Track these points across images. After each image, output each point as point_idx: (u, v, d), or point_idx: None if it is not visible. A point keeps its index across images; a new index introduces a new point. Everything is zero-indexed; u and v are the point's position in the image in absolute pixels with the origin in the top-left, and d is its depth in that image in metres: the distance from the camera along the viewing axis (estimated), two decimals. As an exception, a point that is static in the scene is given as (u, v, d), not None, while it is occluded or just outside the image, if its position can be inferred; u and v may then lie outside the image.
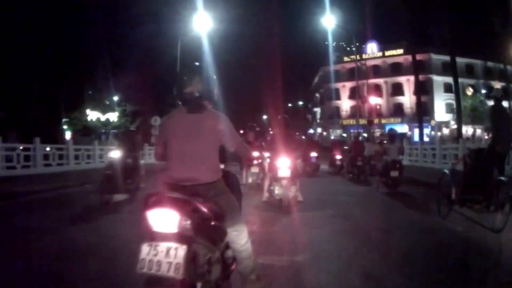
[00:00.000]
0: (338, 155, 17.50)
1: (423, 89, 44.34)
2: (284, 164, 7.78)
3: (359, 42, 29.76)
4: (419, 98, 30.73)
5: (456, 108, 27.76)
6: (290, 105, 77.32)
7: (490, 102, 32.50)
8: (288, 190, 7.75)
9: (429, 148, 20.16)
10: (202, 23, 24.48)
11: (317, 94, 70.07)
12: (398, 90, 57.76)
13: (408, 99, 56.56)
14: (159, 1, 38.27)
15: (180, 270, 2.19)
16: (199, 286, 2.47)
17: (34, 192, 9.71)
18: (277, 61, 52.32)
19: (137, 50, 36.76)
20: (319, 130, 66.44)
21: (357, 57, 34.67)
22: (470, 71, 53.06)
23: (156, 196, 2.46)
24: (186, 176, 2.78)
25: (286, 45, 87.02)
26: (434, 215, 6.96)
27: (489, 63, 49.89)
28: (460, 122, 26.09)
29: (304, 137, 38.50)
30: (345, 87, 60.87)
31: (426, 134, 45.18)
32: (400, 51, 55.94)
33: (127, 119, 39.81)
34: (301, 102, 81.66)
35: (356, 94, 54.91)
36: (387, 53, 57.67)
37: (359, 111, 32.64)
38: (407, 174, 12.87)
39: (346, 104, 61.09)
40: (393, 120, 55.71)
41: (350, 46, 62.67)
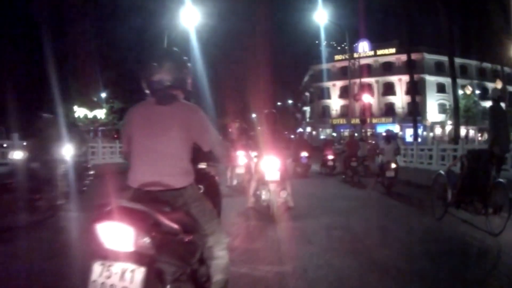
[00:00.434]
0: (330, 155, 16.59)
1: (412, 89, 43.89)
2: (272, 165, 6.76)
3: (351, 40, 28.77)
4: (414, 98, 30.22)
5: (453, 108, 27.48)
6: (279, 103, 76.60)
7: (484, 103, 32.94)
8: (277, 195, 6.75)
9: (425, 149, 19.43)
10: (190, 17, 23.83)
11: (306, 93, 69.53)
12: (389, 89, 57.36)
13: (399, 99, 56.23)
14: (146, -6, 37.39)
15: None
16: None
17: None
18: (266, 58, 51.70)
19: (124, 45, 36.01)
20: (309, 129, 65.73)
21: (349, 54, 33.87)
22: (464, 72, 52.66)
23: (108, 205, 2.03)
24: (151, 179, 2.40)
25: (276, 42, 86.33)
26: (432, 219, 6.72)
27: (483, 64, 49.71)
28: (458, 123, 25.54)
29: (293, 136, 37.75)
30: (335, 86, 60.45)
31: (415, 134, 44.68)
32: (392, 50, 55.72)
33: (115, 116, 39.09)
34: (290, 101, 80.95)
35: (347, 93, 54.99)
36: (379, 52, 57.10)
37: (351, 110, 31.94)
38: (403, 177, 12.54)
39: (336, 103, 60.62)
40: (384, 119, 55.20)
41: (341, 45, 62.67)
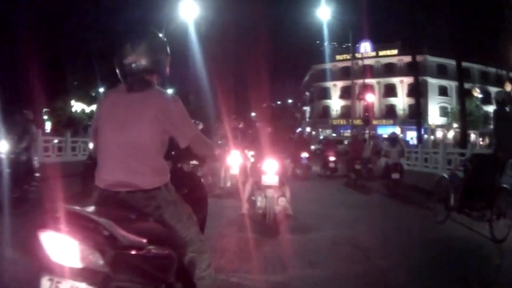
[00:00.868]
0: (332, 157, 15.65)
1: (416, 91, 43.25)
2: (270, 167, 5.89)
3: (353, 39, 27.93)
4: (418, 100, 29.47)
5: (460, 112, 26.94)
6: (279, 102, 75.86)
7: (486, 107, 32.64)
8: (274, 202, 5.86)
9: (431, 152, 18.64)
10: (189, 11, 23.10)
11: (307, 93, 68.93)
12: (391, 91, 56.65)
13: (401, 101, 55.61)
14: (145, -14, 36.79)
15: None
16: None
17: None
18: (266, 56, 50.97)
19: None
20: (308, 129, 64.99)
21: (352, 53, 33.05)
22: (466, 75, 51.90)
23: (55, 211, 1.72)
24: (119, 179, 2.10)
25: (277, 41, 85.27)
26: (450, 231, 6.26)
27: (485, 67, 49.25)
28: (465, 127, 24.75)
29: (292, 136, 36.85)
30: (336, 86, 59.82)
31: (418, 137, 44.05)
32: (394, 52, 55.18)
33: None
34: (290, 100, 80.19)
35: (348, 93, 54.29)
36: (381, 53, 56.35)
37: (352, 111, 31.10)
38: (410, 181, 12.21)
39: (336, 103, 59.96)
40: (385, 121, 54.46)
41: (342, 45, 62.02)
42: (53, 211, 1.71)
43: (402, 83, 55.06)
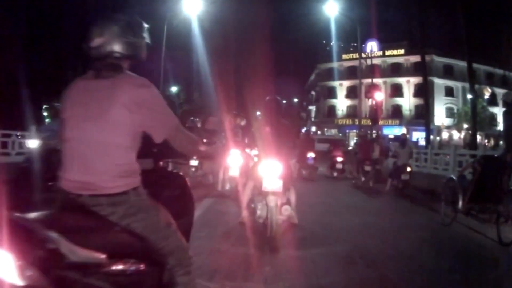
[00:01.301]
0: (339, 157, 15.13)
1: (424, 91, 42.64)
2: (272, 170, 4.91)
3: (361, 36, 27.28)
4: (427, 101, 29.00)
5: (471, 113, 27.13)
6: (284, 101, 75.24)
7: (492, 109, 32.28)
8: (277, 211, 4.89)
9: (441, 153, 18.13)
10: (192, 5, 23.32)
11: (312, 92, 68.45)
12: (397, 91, 56.20)
13: (407, 101, 55.10)
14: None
15: None
16: None
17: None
18: (271, 54, 50.42)
19: None
20: (314, 129, 64.55)
21: (359, 50, 32.41)
22: (472, 76, 51.29)
23: None
24: (81, 179, 1.80)
25: (282, 39, 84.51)
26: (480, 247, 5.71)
27: (490, 67, 48.71)
28: (475, 128, 24.25)
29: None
30: (342, 86, 59.29)
31: (424, 138, 43.53)
32: (401, 51, 54.83)
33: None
34: (295, 99, 79.68)
35: (354, 93, 53.62)
36: (387, 52, 55.74)
37: (359, 111, 30.47)
38: (420, 184, 12.16)
39: (342, 103, 59.51)
40: (391, 121, 53.91)
41: (348, 45, 61.35)
42: None
43: (408, 83, 54.58)
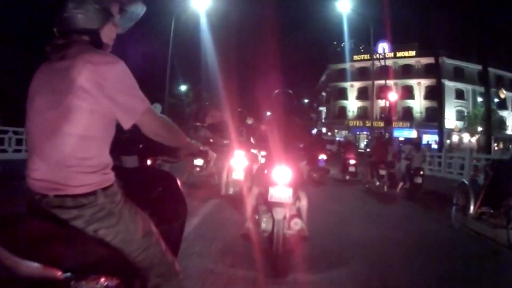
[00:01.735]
0: (352, 160, 14.55)
1: (435, 94, 42.40)
2: (280, 176, 4.13)
3: (374, 35, 27.09)
4: (440, 103, 28.88)
5: (485, 116, 26.85)
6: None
7: (501, 112, 31.84)
8: (285, 225, 4.15)
9: (455, 157, 17.89)
10: (200, 1, 23.54)
11: (323, 93, 68.23)
12: (408, 93, 55.87)
13: (418, 103, 54.77)
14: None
15: None
16: None
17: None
18: (282, 54, 50.29)
19: (128, 31, 34.79)
20: (324, 130, 64.31)
21: (371, 50, 32.33)
22: (481, 78, 50.95)
23: None
24: (46, 177, 1.56)
25: (293, 39, 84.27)
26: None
27: (499, 70, 48.33)
28: (489, 131, 24.05)
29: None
30: (353, 87, 58.98)
31: (435, 141, 43.18)
32: (412, 53, 54.42)
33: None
34: (306, 100, 79.51)
35: (365, 94, 53.39)
36: (399, 54, 55.57)
37: (371, 112, 30.34)
38: (437, 188, 12.19)
39: (353, 104, 59.22)
40: (401, 124, 53.48)
41: (360, 46, 61.09)
42: None
43: (419, 85, 54.22)
